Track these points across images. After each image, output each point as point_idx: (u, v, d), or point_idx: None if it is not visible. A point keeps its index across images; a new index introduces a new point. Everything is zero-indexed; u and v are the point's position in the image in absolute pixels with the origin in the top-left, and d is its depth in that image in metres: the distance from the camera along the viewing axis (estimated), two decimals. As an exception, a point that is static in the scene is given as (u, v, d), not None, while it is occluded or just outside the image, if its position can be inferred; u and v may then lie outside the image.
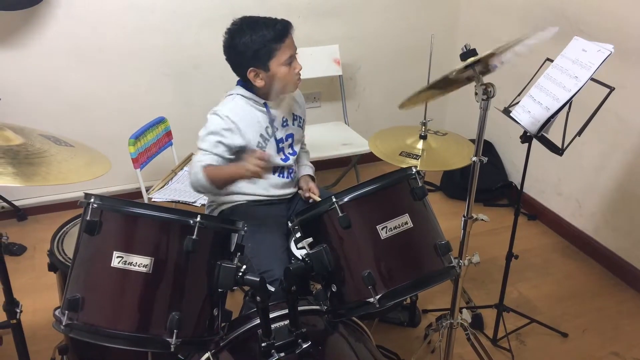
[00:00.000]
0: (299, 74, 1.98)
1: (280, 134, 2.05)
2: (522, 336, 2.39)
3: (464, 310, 1.96)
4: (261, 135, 1.99)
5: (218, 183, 1.86)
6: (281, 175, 2.10)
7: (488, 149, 3.54)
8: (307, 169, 2.26)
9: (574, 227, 3.06)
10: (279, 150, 2.05)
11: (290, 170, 2.12)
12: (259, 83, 1.94)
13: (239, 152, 1.95)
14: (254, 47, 1.87)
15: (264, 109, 2.00)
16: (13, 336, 1.71)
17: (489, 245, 2.94)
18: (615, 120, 2.66)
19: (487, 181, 3.37)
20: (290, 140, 2.10)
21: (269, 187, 2.08)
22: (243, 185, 2.05)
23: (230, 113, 1.94)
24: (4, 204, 3.11)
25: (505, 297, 2.30)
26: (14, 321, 1.67)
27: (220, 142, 1.90)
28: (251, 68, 1.91)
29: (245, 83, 2.01)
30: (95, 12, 2.92)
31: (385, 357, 2.20)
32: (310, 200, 2.10)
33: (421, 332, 2.38)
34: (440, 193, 3.59)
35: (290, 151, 2.12)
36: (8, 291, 1.64)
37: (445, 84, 1.71)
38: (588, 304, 2.62)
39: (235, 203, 2.09)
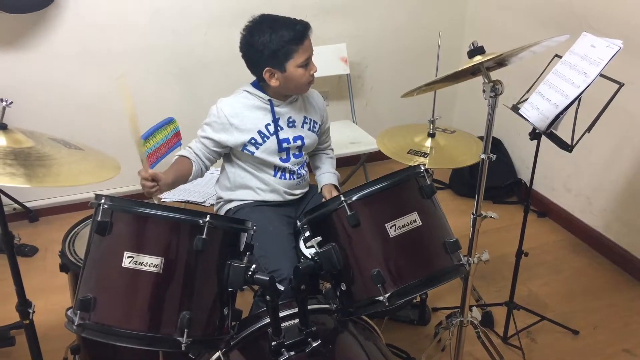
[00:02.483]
0: (313, 76, 1.98)
1: (285, 134, 2.04)
2: (532, 334, 2.39)
3: (474, 308, 1.96)
4: (259, 132, 1.99)
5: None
6: (283, 177, 2.08)
7: (497, 146, 3.52)
8: (331, 177, 2.22)
9: (584, 223, 3.04)
10: (282, 150, 2.03)
11: (293, 173, 2.09)
12: (273, 83, 1.94)
13: (227, 147, 2.03)
14: (272, 47, 1.87)
15: (268, 106, 2.01)
16: (26, 336, 1.73)
17: (499, 242, 2.93)
18: (624, 116, 2.65)
19: (496, 178, 3.36)
20: (299, 142, 2.07)
21: (274, 185, 2.07)
22: (249, 181, 2.07)
23: (226, 107, 1.98)
24: (16, 205, 3.14)
25: (516, 295, 2.29)
26: (27, 321, 1.69)
27: (207, 135, 2.01)
28: (267, 68, 1.91)
29: (258, 83, 2.02)
30: (103, 13, 2.94)
31: (396, 356, 2.20)
32: None
33: (431, 331, 2.38)
34: (449, 191, 3.59)
35: (296, 153, 2.10)
36: (21, 292, 1.65)
37: (452, 77, 1.71)
38: (599, 301, 2.61)
39: (242, 202, 2.10)
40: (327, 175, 2.23)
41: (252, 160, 2.04)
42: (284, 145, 2.03)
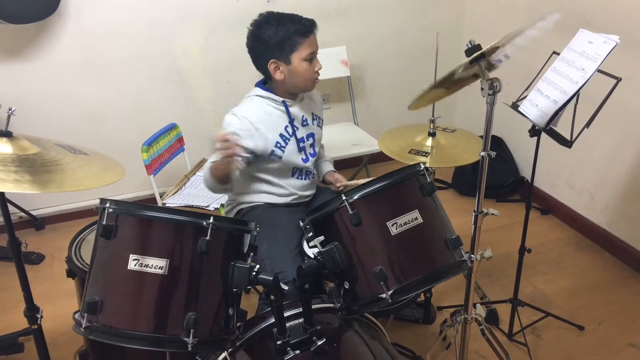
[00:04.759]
0: (318, 73, 1.99)
1: (301, 133, 2.05)
2: (538, 330, 2.39)
3: (478, 305, 1.96)
4: (281, 135, 1.99)
5: (217, 177, 1.84)
6: (300, 177, 2.10)
7: (499, 144, 3.53)
8: (329, 165, 2.29)
9: (587, 220, 3.05)
10: (300, 149, 2.05)
11: (309, 173, 2.12)
12: (278, 76, 1.95)
13: (252, 154, 1.96)
14: (278, 38, 1.88)
15: (283, 108, 2.02)
16: (35, 341, 1.75)
17: (503, 240, 2.94)
18: (625, 112, 2.65)
19: (498, 177, 3.37)
20: (311, 139, 2.10)
21: (289, 189, 2.09)
22: (264, 188, 2.08)
23: (248, 114, 1.96)
24: (22, 214, 3.16)
25: (520, 292, 2.30)
26: (35, 326, 1.71)
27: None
28: (272, 59, 1.92)
29: (263, 85, 2.03)
30: (104, 22, 2.97)
31: (401, 354, 2.20)
32: (340, 188, 2.15)
33: (436, 329, 2.39)
34: (452, 190, 3.59)
35: (311, 151, 2.12)
36: (28, 297, 1.67)
37: (452, 83, 1.72)
38: (604, 297, 2.61)
39: (254, 204, 2.11)
40: (325, 164, 2.28)
41: (275, 165, 2.02)
42: (301, 144, 2.05)
